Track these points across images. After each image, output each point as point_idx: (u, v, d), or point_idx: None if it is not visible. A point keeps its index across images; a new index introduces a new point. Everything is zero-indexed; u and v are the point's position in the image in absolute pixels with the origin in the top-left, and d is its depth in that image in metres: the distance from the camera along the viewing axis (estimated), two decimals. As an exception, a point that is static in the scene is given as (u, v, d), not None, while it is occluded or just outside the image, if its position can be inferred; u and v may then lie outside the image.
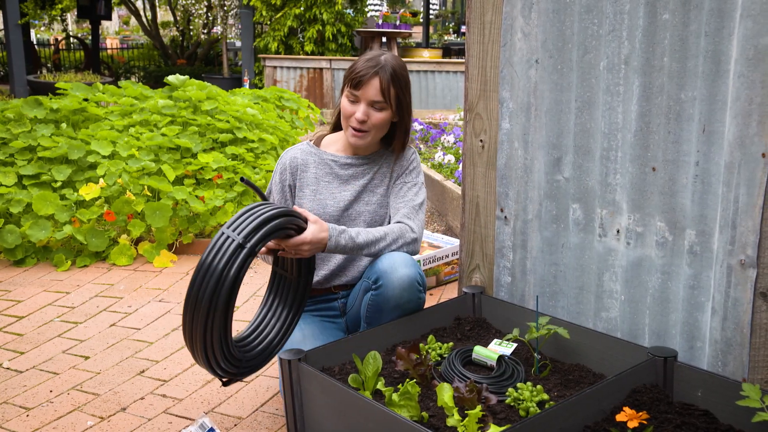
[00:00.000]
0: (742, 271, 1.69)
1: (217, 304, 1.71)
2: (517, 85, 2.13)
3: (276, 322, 2.04)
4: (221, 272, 1.71)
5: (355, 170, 2.25)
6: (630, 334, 1.97)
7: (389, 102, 2.13)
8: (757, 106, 1.62)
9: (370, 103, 2.12)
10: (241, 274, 1.74)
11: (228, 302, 1.72)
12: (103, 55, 15.21)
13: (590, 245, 2.04)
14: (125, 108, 4.86)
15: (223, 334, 1.76)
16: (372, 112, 2.13)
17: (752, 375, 1.72)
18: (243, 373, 1.92)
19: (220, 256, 1.73)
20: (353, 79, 2.12)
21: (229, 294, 1.72)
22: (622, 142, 1.92)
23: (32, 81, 9.53)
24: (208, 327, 1.73)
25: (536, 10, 2.05)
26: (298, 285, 2.07)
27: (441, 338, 2.10)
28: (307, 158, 2.26)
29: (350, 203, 2.23)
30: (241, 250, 1.74)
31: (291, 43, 9.79)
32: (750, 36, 1.61)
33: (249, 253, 1.75)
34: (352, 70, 2.15)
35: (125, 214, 3.89)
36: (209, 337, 1.74)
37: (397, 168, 2.27)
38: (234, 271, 1.72)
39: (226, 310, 1.73)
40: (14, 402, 2.35)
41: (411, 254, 2.16)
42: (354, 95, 2.13)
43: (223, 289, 1.71)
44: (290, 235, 1.92)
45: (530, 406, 1.68)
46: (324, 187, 2.23)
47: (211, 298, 1.70)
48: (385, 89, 2.11)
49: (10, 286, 3.48)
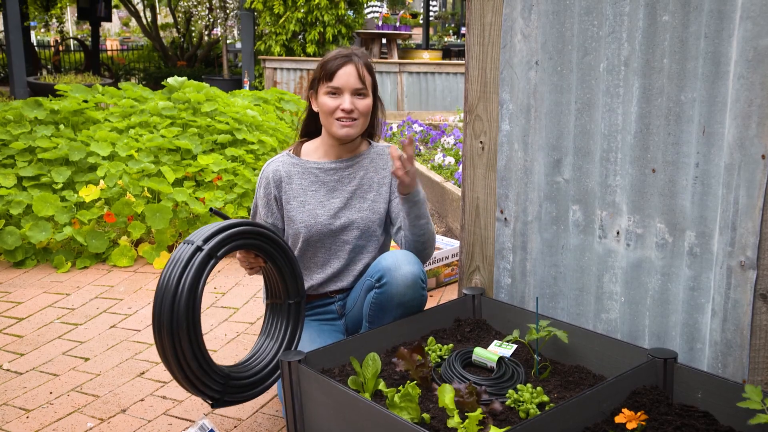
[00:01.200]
0: (742, 272, 1.69)
1: (178, 319, 1.65)
2: (517, 86, 2.14)
3: (273, 345, 2.01)
4: (177, 282, 1.66)
5: (340, 174, 2.24)
6: (630, 336, 1.97)
7: (368, 88, 2.17)
8: (756, 107, 1.62)
9: (353, 91, 2.14)
10: (199, 281, 1.68)
11: (188, 314, 1.66)
12: (103, 57, 15.23)
13: (590, 247, 2.04)
14: (125, 110, 4.86)
15: (196, 349, 1.71)
16: (356, 101, 2.16)
17: (752, 377, 1.72)
18: (236, 392, 1.87)
19: (177, 264, 1.68)
20: (328, 72, 2.14)
21: (187, 305, 1.66)
22: (622, 143, 1.92)
23: (32, 83, 9.54)
24: (177, 344, 1.67)
25: (536, 11, 2.05)
26: (290, 309, 2.03)
27: (441, 340, 2.10)
28: (290, 169, 2.24)
29: (340, 210, 2.22)
30: (199, 252, 1.69)
31: (292, 46, 9.81)
32: (750, 38, 1.61)
33: (208, 255, 1.70)
34: (323, 67, 2.16)
35: (125, 215, 3.89)
36: (181, 354, 1.69)
37: (388, 174, 2.26)
38: (191, 278, 1.66)
39: (189, 324, 1.67)
40: (14, 403, 2.35)
41: (429, 256, 2.20)
42: (334, 88, 2.14)
43: (181, 301, 1.65)
44: (259, 247, 1.88)
45: (530, 407, 1.68)
46: (311, 196, 2.22)
47: (170, 313, 1.65)
48: (363, 75, 2.15)
49: (10, 287, 3.48)
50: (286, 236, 2.26)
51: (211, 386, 1.80)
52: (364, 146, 2.30)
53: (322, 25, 9.69)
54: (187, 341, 1.69)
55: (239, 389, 1.90)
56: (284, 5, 9.63)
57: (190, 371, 1.73)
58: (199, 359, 1.74)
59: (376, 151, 2.29)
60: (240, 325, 3.02)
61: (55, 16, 13.17)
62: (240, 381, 1.89)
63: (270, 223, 2.25)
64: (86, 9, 12.56)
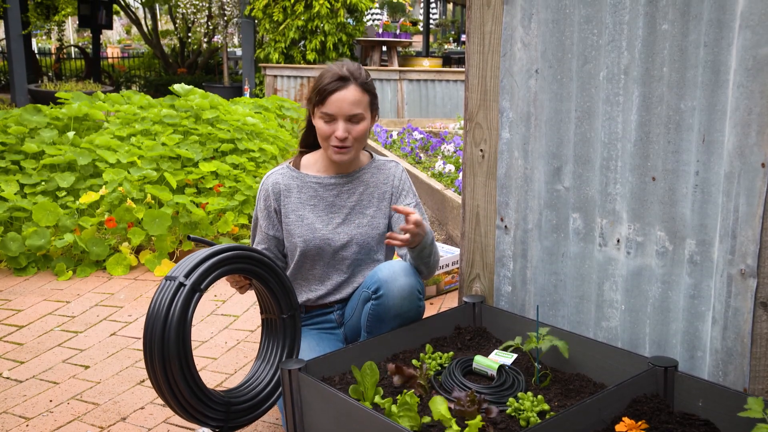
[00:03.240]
0: (742, 280, 1.69)
1: (169, 351, 1.67)
2: (517, 94, 2.14)
3: (271, 368, 2.01)
4: (165, 316, 1.68)
5: (339, 190, 2.21)
6: (630, 344, 1.97)
7: (364, 110, 2.11)
8: (756, 116, 1.62)
9: (346, 118, 2.08)
10: (187, 314, 1.70)
11: (179, 345, 1.69)
12: (104, 64, 15.26)
13: (590, 255, 2.04)
14: (127, 117, 4.88)
15: (189, 379, 1.73)
16: (351, 127, 2.09)
17: (753, 385, 1.71)
18: (238, 417, 1.88)
19: (163, 300, 1.70)
20: (322, 96, 2.07)
21: (177, 337, 1.68)
22: (622, 151, 1.92)
23: (33, 90, 9.56)
24: (170, 375, 1.69)
25: (536, 20, 2.06)
26: (285, 324, 2.02)
27: (441, 348, 2.10)
28: (289, 182, 2.21)
29: (339, 225, 2.20)
30: (182, 288, 1.71)
31: (292, 54, 9.83)
32: (749, 46, 1.61)
33: (191, 290, 1.72)
34: (318, 90, 2.09)
35: (126, 221, 3.89)
36: (174, 385, 1.71)
37: (388, 189, 2.24)
38: (178, 312, 1.69)
39: (180, 354, 1.69)
40: (14, 412, 2.35)
41: (431, 276, 2.18)
42: (328, 115, 2.07)
43: (171, 333, 1.67)
44: (244, 269, 1.87)
45: (531, 416, 1.68)
46: (310, 211, 2.20)
47: (161, 345, 1.67)
48: (358, 100, 2.08)
49: (11, 295, 3.48)
50: (286, 248, 2.26)
51: (210, 415, 1.81)
52: (365, 159, 2.28)
53: (323, 33, 9.72)
54: (178, 369, 1.70)
55: (242, 413, 1.90)
56: (284, 13, 9.66)
57: (184, 399, 1.75)
58: (191, 388, 1.74)
59: (376, 166, 2.27)
60: (240, 332, 3.02)
61: (56, 23, 13.20)
62: (241, 405, 1.90)
63: (271, 235, 2.23)
64: (87, 17, 12.60)
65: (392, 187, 2.24)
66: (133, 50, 18.94)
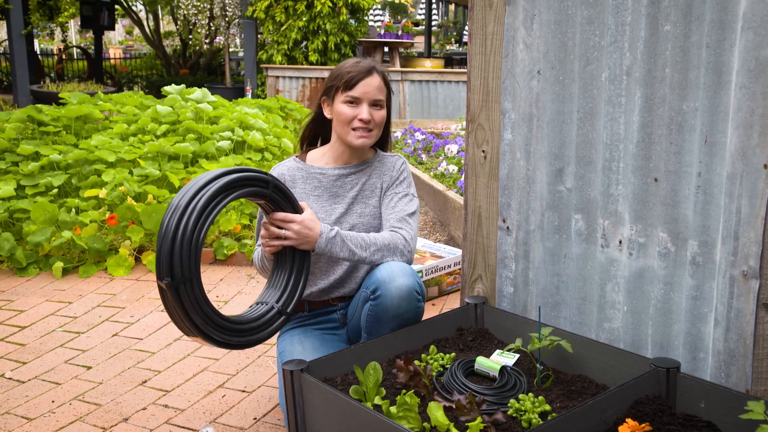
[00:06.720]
0: (744, 282, 1.69)
1: (181, 271, 1.71)
2: (519, 95, 2.14)
3: (276, 291, 2.03)
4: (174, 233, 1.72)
5: (343, 180, 2.25)
6: (633, 345, 1.97)
7: (385, 100, 2.21)
8: (758, 117, 1.62)
9: (371, 102, 2.17)
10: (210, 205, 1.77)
11: (191, 264, 1.72)
12: (106, 65, 15.27)
13: (592, 256, 2.04)
14: (128, 117, 4.88)
15: (201, 298, 1.76)
16: (374, 111, 2.18)
17: (755, 386, 1.71)
18: (242, 336, 1.89)
19: (183, 195, 1.78)
20: (348, 81, 2.15)
21: (189, 257, 1.72)
22: (624, 152, 1.92)
23: (35, 91, 9.57)
24: (183, 295, 1.73)
25: (538, 21, 2.06)
26: (294, 256, 2.05)
27: (443, 349, 2.10)
28: (294, 174, 2.26)
29: (342, 215, 2.23)
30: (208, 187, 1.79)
31: (294, 54, 9.83)
32: (751, 48, 1.61)
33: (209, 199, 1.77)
34: (342, 75, 2.17)
35: (128, 219, 3.89)
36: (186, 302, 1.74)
37: (387, 179, 2.27)
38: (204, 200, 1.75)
39: (193, 275, 1.73)
40: (16, 412, 2.35)
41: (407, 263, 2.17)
42: (353, 97, 2.15)
43: (183, 248, 1.71)
44: (261, 194, 1.91)
45: (532, 417, 1.68)
46: (314, 201, 2.23)
47: (170, 263, 1.70)
48: (382, 88, 2.19)
49: (13, 295, 3.48)
50: None
51: (217, 325, 1.83)
52: (370, 153, 2.32)
53: (325, 33, 9.72)
54: (191, 293, 1.74)
55: (247, 332, 1.92)
56: (286, 14, 9.66)
57: (191, 323, 1.77)
58: (201, 305, 1.77)
59: (380, 158, 2.31)
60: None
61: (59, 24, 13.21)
62: (246, 325, 1.91)
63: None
64: (89, 18, 12.62)
65: (389, 178, 2.26)
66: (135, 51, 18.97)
